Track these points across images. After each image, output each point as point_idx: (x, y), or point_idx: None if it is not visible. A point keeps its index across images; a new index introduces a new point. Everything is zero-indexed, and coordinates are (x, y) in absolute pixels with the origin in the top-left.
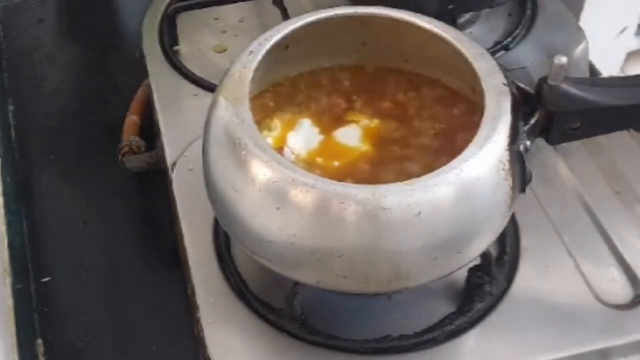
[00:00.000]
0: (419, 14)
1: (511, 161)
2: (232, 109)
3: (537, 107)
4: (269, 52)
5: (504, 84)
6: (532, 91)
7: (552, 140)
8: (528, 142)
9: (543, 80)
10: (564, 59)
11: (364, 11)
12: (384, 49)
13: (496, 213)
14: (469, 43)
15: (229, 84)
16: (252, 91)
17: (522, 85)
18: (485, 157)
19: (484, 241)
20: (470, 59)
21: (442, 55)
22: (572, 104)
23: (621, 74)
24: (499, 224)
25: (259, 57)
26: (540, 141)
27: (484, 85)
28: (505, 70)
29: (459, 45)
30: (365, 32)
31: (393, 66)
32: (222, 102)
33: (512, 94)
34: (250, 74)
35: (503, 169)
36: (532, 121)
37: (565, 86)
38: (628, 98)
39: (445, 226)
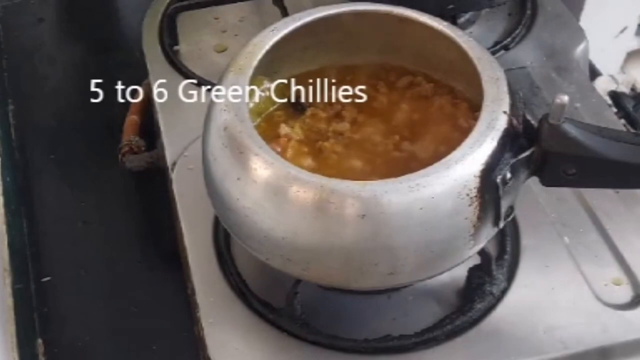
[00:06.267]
0: (445, 23)
1: (481, 189)
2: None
3: (533, 143)
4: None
5: (504, 112)
6: (536, 125)
7: (545, 182)
8: (509, 175)
9: (544, 117)
10: (565, 98)
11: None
12: (404, 53)
13: (455, 238)
14: (489, 64)
15: (240, 54)
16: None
17: (529, 118)
18: (447, 178)
19: (446, 262)
20: (483, 80)
21: (452, 61)
22: (567, 146)
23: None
24: (460, 251)
25: (280, 35)
26: None
27: (483, 109)
28: (519, 98)
29: (477, 64)
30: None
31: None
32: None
33: (509, 124)
34: (264, 48)
35: (468, 195)
36: (522, 156)
37: (565, 127)
38: (630, 156)
39: (408, 232)
